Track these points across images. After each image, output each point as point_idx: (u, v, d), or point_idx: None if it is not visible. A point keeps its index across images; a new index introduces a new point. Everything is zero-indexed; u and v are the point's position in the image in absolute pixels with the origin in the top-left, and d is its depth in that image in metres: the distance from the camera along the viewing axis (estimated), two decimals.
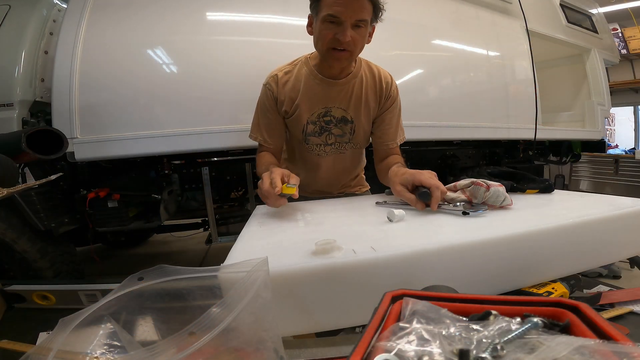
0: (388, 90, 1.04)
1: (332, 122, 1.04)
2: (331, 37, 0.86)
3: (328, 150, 1.08)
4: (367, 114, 1.05)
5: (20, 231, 1.48)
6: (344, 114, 1.03)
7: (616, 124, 6.19)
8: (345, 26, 0.84)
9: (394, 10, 2.08)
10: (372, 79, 1.03)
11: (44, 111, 1.77)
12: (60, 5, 1.98)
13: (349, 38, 0.84)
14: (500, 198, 0.68)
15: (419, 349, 0.22)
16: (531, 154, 2.92)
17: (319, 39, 0.90)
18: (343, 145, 1.09)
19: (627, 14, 5.26)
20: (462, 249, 0.50)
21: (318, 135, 1.05)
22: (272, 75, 1.02)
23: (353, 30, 0.85)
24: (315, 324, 0.47)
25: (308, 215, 0.75)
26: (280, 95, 1.01)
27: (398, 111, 1.08)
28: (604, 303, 0.56)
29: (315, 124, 1.04)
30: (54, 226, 1.57)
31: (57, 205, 1.65)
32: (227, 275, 0.39)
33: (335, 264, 0.44)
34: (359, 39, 0.88)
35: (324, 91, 1.00)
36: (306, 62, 1.01)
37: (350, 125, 1.05)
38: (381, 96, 1.04)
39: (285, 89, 1.00)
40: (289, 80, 1.00)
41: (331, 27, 0.85)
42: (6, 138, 1.36)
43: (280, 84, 1.00)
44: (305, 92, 0.99)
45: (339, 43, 0.86)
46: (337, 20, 0.84)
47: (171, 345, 0.25)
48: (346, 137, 1.07)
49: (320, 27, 0.87)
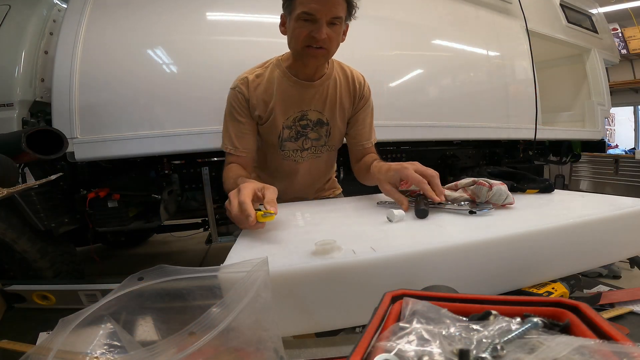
0: (361, 90, 1.03)
1: (308, 125, 1.01)
2: (306, 34, 0.84)
3: (305, 156, 1.05)
4: (342, 115, 1.03)
5: (20, 231, 1.48)
6: (319, 116, 1.01)
7: (616, 124, 6.20)
8: (320, 23, 0.82)
9: (394, 10, 2.10)
10: (345, 80, 1.02)
11: (44, 111, 1.77)
12: (60, 5, 1.98)
13: (325, 35, 0.82)
14: (502, 197, 0.68)
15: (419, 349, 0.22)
16: (531, 154, 2.93)
17: (293, 37, 0.87)
18: (319, 149, 1.06)
19: (627, 14, 5.26)
20: (465, 248, 0.50)
21: (294, 141, 1.02)
22: (241, 79, 0.96)
23: (328, 27, 0.83)
24: (315, 324, 0.47)
25: (308, 216, 0.75)
26: (252, 99, 0.96)
27: (371, 111, 1.08)
28: (604, 303, 0.56)
29: (291, 128, 1.00)
30: (54, 226, 1.57)
31: (57, 205, 1.65)
32: (227, 275, 0.39)
33: (335, 265, 0.44)
34: (335, 37, 0.86)
35: (299, 94, 0.97)
36: (278, 64, 0.97)
37: (326, 128, 1.03)
38: (355, 96, 1.03)
39: (257, 92, 0.96)
40: (260, 84, 0.96)
41: (306, 25, 0.83)
42: (6, 138, 1.36)
43: (251, 88, 0.95)
44: (279, 95, 0.96)
45: (314, 41, 0.84)
46: (312, 17, 0.82)
47: (171, 345, 0.25)
48: (322, 140, 1.05)
49: (295, 26, 0.85)
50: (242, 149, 0.98)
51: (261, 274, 0.34)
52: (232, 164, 0.98)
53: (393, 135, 2.05)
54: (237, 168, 0.96)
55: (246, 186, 0.64)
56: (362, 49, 1.98)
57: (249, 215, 0.57)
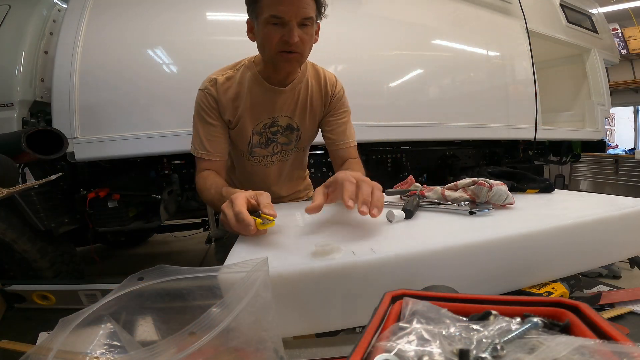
0: (333, 91, 1.00)
1: (278, 131, 0.98)
2: (278, 39, 0.79)
3: (274, 160, 1.03)
4: (313, 119, 1.01)
5: (20, 231, 1.48)
6: (289, 121, 0.98)
7: (616, 124, 6.20)
8: (291, 26, 0.78)
9: (394, 10, 2.10)
10: (317, 82, 0.98)
11: (44, 111, 1.77)
12: (60, 5, 1.98)
13: (297, 38, 0.78)
14: (503, 197, 0.68)
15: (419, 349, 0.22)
16: (531, 154, 2.93)
17: (264, 43, 0.83)
18: (288, 152, 1.04)
19: (627, 14, 5.26)
20: (465, 248, 0.50)
21: (264, 147, 0.99)
22: (210, 79, 0.92)
23: (300, 29, 0.79)
24: (315, 325, 0.47)
25: (308, 217, 0.75)
26: (221, 102, 0.91)
27: (346, 111, 1.03)
28: (604, 303, 0.56)
29: (261, 134, 0.97)
30: (54, 226, 1.57)
31: (57, 205, 1.65)
32: (227, 275, 0.39)
33: (334, 266, 0.44)
34: (307, 39, 0.82)
35: (270, 100, 0.93)
36: (250, 66, 0.93)
37: (296, 133, 1.01)
38: (327, 99, 1.00)
39: (226, 95, 0.91)
40: (230, 87, 0.91)
41: (276, 29, 0.79)
42: (6, 138, 1.36)
43: (220, 90, 0.91)
44: (249, 101, 0.92)
45: (287, 45, 0.80)
46: (282, 20, 0.77)
47: (171, 345, 0.25)
48: (292, 145, 1.02)
49: (264, 31, 0.80)
50: (215, 153, 0.92)
51: (261, 274, 0.34)
52: (206, 170, 0.92)
53: (393, 135, 2.05)
54: (213, 176, 0.90)
55: (238, 196, 0.61)
56: (362, 49, 1.98)
57: (248, 224, 0.55)
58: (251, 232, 0.56)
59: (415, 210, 0.68)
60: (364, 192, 0.58)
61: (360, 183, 0.59)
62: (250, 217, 0.56)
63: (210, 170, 0.92)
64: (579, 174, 5.09)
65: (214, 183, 0.86)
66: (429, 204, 0.73)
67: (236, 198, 0.60)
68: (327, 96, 1.00)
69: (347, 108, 1.04)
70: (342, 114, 1.03)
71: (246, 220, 0.55)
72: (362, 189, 0.58)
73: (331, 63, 1.87)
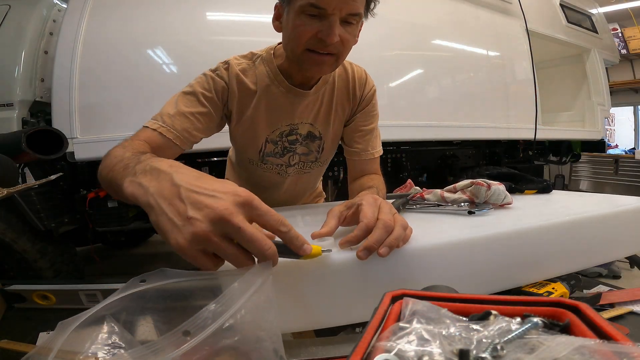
0: (363, 92, 0.82)
1: (297, 141, 0.82)
2: (311, 35, 0.62)
3: (290, 172, 0.87)
4: (339, 122, 0.84)
5: (20, 231, 1.48)
6: (310, 129, 0.82)
7: (616, 124, 6.20)
8: (332, 21, 0.61)
9: (394, 10, 2.10)
10: (344, 81, 0.81)
11: (44, 111, 1.78)
12: (60, 5, 1.98)
13: (338, 38, 0.62)
14: (501, 196, 0.68)
15: (419, 349, 0.22)
16: (531, 154, 2.93)
17: (293, 37, 0.65)
18: (308, 165, 0.87)
19: (627, 14, 5.26)
20: (465, 247, 0.50)
21: (280, 157, 0.83)
22: (225, 62, 0.75)
23: (342, 27, 0.62)
24: (314, 322, 0.47)
25: (308, 218, 0.75)
26: (232, 87, 0.73)
27: (374, 115, 0.86)
28: (604, 303, 0.56)
29: (276, 143, 0.81)
30: (54, 226, 1.57)
31: (57, 205, 1.65)
32: (227, 275, 0.39)
33: (332, 263, 0.44)
34: (349, 39, 0.65)
35: (290, 104, 0.76)
36: (269, 60, 0.75)
37: (317, 142, 0.84)
38: (355, 101, 0.83)
39: (240, 88, 0.74)
40: (244, 82, 0.74)
41: (312, 21, 0.62)
42: (6, 138, 1.37)
43: (235, 80, 0.73)
44: (264, 102, 0.75)
45: (322, 44, 0.63)
46: (322, 12, 0.60)
47: (169, 343, 0.25)
48: (312, 156, 0.86)
49: (296, 22, 0.63)
50: (178, 134, 0.66)
51: (262, 274, 0.34)
52: (144, 142, 0.62)
53: (393, 135, 2.05)
54: (146, 148, 0.59)
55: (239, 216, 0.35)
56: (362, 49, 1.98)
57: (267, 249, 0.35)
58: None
59: (400, 211, 0.69)
60: (394, 235, 0.44)
61: (396, 224, 0.45)
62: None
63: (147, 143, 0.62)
64: (578, 174, 5.09)
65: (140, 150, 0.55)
66: (428, 206, 0.73)
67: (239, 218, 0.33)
68: (356, 99, 0.82)
69: (376, 111, 0.86)
70: (371, 118, 0.85)
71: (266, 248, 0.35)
72: (394, 232, 0.44)
73: None
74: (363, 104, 0.84)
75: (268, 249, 0.34)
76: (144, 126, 0.66)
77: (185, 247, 0.32)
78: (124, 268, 2.78)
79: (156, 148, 0.63)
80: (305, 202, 1.06)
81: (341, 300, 0.46)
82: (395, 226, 0.45)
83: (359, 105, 0.84)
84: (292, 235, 0.37)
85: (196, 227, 0.32)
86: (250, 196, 0.35)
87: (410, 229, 0.49)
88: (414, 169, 2.40)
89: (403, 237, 0.45)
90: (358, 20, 0.66)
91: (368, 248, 0.42)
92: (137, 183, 0.38)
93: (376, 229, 0.43)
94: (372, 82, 0.84)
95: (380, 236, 0.43)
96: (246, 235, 0.33)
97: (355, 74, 0.82)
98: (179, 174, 0.36)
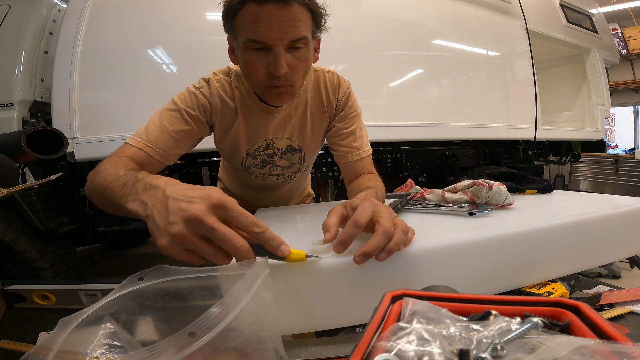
0: (337, 94, 0.82)
1: (276, 154, 0.85)
2: (263, 70, 0.63)
3: (274, 180, 0.91)
4: (317, 133, 0.85)
5: (20, 231, 1.48)
6: (289, 142, 0.84)
7: (616, 124, 6.20)
8: (277, 52, 0.60)
9: (395, 10, 2.10)
10: (316, 90, 0.81)
11: (44, 111, 1.78)
12: (60, 5, 1.98)
13: (286, 68, 0.61)
14: (502, 197, 0.68)
15: (419, 349, 0.22)
16: (531, 154, 2.93)
17: (247, 74, 0.67)
18: (292, 175, 0.91)
19: (627, 14, 5.26)
20: (465, 248, 0.50)
21: (260, 168, 0.87)
22: (205, 79, 0.78)
23: (289, 53, 0.62)
24: (314, 323, 0.47)
25: (308, 219, 0.75)
26: (215, 104, 0.75)
27: (355, 116, 0.85)
28: (604, 303, 0.56)
29: (255, 157, 0.84)
30: (54, 226, 1.57)
31: (57, 205, 1.65)
32: (227, 275, 0.39)
33: (332, 265, 0.44)
34: (300, 65, 0.64)
35: (263, 121, 0.79)
36: (242, 78, 0.76)
37: (298, 154, 0.86)
38: (330, 105, 0.83)
39: (222, 105, 0.76)
40: (224, 99, 0.76)
41: (259, 55, 0.62)
42: (6, 138, 1.37)
43: (217, 97, 0.75)
44: (243, 119, 0.78)
45: (275, 79, 0.63)
46: (265, 45, 0.60)
47: (171, 345, 0.25)
48: (295, 167, 0.89)
49: (245, 58, 0.63)
50: (160, 151, 0.68)
51: (262, 274, 0.34)
52: (130, 159, 0.65)
53: (393, 135, 2.05)
54: (134, 165, 0.64)
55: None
56: (362, 49, 1.98)
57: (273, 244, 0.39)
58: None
59: (400, 211, 0.69)
60: (394, 240, 0.43)
61: (396, 229, 0.45)
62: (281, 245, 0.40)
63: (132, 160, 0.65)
64: (578, 174, 5.09)
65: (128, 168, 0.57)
66: (429, 206, 0.73)
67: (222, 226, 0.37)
68: (332, 105, 0.83)
69: (357, 111, 0.86)
70: (351, 119, 0.84)
71: (280, 245, 0.39)
72: (395, 237, 0.44)
73: (331, 63, 1.87)
74: (340, 107, 0.84)
75: (240, 246, 0.37)
76: (127, 143, 0.68)
77: (167, 247, 0.37)
78: (124, 268, 2.77)
79: (141, 165, 0.66)
80: (296, 202, 1.11)
81: (342, 302, 0.46)
82: (395, 231, 0.44)
83: (337, 110, 0.84)
84: (267, 236, 0.39)
85: (174, 229, 0.36)
86: (223, 199, 0.38)
87: (413, 231, 0.48)
88: (414, 169, 2.40)
89: (404, 241, 0.45)
90: (306, 43, 0.64)
91: (365, 254, 0.42)
92: (139, 201, 0.43)
93: (375, 236, 0.43)
94: (346, 83, 0.84)
95: (379, 243, 0.42)
96: (219, 234, 0.36)
97: (327, 80, 0.82)
98: (170, 187, 0.40)
